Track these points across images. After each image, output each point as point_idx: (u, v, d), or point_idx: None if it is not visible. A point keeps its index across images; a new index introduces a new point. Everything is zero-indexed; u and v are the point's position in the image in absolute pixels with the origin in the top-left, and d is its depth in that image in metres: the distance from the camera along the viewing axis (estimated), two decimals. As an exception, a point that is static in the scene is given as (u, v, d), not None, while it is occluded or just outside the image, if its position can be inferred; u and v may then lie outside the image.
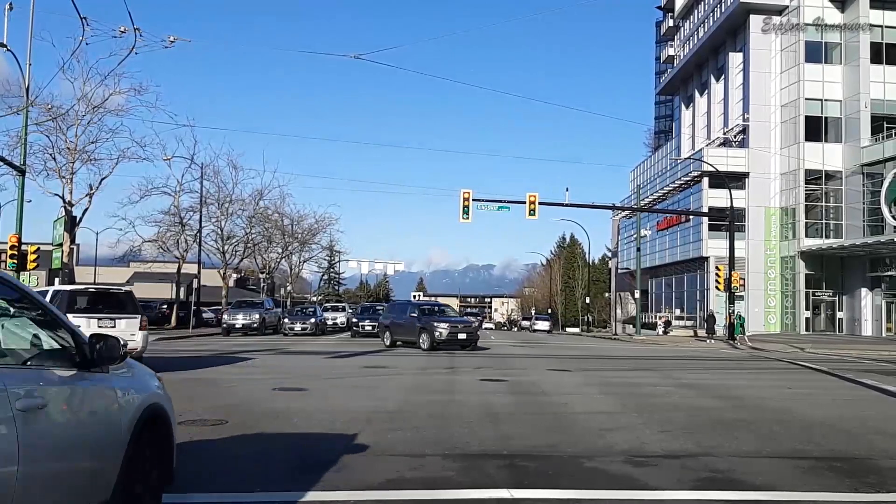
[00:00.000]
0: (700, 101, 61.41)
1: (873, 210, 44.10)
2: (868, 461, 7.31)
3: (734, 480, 6.39)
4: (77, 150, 32.50)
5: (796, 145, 48.09)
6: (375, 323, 32.61)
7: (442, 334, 24.36)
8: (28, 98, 25.27)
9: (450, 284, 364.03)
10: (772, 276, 50.62)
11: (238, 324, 35.37)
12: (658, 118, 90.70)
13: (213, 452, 7.18)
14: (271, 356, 21.43)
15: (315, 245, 63.97)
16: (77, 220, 33.11)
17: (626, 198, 69.19)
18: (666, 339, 43.01)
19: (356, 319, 35.85)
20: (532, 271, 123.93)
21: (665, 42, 75.30)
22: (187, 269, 46.39)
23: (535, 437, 8.37)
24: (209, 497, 5.66)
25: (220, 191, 46.79)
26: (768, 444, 8.17)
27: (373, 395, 11.95)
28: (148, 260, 48.99)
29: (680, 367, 19.89)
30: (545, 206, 38.82)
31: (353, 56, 24.71)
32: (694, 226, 52.83)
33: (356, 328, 35.06)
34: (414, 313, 26.54)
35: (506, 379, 15.05)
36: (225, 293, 48.48)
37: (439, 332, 24.43)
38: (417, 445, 7.74)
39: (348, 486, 5.93)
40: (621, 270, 71.44)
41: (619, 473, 6.58)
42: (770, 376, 17.68)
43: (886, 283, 46.03)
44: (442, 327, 24.63)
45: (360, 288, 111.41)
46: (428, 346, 24.24)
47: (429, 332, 24.58)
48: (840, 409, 11.36)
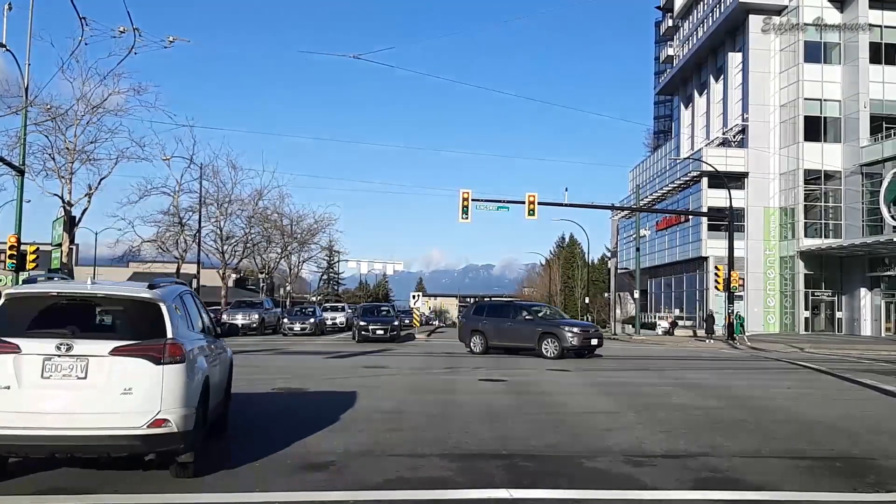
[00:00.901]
0: (699, 101, 61.40)
1: (872, 210, 44.09)
2: (867, 461, 7.31)
3: (734, 480, 6.40)
4: (76, 150, 32.44)
5: (795, 145, 48.09)
6: (388, 326, 30.85)
7: (573, 340, 21.49)
8: (27, 98, 25.25)
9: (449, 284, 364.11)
10: (771, 276, 50.62)
11: (237, 324, 35.35)
12: (657, 118, 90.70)
13: (213, 453, 7.18)
14: (270, 356, 21.43)
15: (314, 245, 63.91)
16: (76, 220, 33.04)
17: (626, 198, 69.18)
18: (665, 338, 43.01)
19: (363, 322, 31.44)
20: (531, 271, 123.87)
21: (664, 42, 75.29)
22: (186, 270, 46.36)
23: (535, 437, 8.37)
24: (209, 497, 5.66)
25: (219, 191, 46.79)
26: (768, 443, 8.18)
27: (373, 396, 11.94)
28: (147, 260, 48.97)
29: (679, 366, 19.89)
30: (544, 206, 38.83)
31: (353, 56, 24.71)
32: (693, 226, 52.82)
33: (364, 332, 30.64)
34: (529, 316, 23.36)
35: (505, 379, 15.05)
36: (224, 293, 48.45)
37: (570, 337, 21.56)
38: (417, 445, 7.75)
39: (348, 485, 5.94)
40: (621, 270, 71.41)
41: (619, 473, 6.58)
42: (769, 376, 17.68)
43: (885, 282, 46.04)
44: (574, 331, 21.98)
45: (359, 288, 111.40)
46: (556, 355, 21.10)
47: (557, 337, 21.47)
48: (839, 409, 11.37)
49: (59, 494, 5.64)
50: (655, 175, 65.86)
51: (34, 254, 26.14)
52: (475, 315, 24.91)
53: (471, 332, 23.89)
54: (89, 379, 5.50)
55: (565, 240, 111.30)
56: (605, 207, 53.74)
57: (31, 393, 5.44)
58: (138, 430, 5.49)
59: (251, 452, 7.15)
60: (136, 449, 5.65)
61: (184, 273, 45.51)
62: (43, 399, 5.45)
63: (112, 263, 54.49)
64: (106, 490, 5.75)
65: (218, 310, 46.93)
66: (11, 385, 5.42)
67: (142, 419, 5.49)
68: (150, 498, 5.63)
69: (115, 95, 32.80)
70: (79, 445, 5.51)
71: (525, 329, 22.52)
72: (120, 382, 5.51)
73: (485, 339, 23.22)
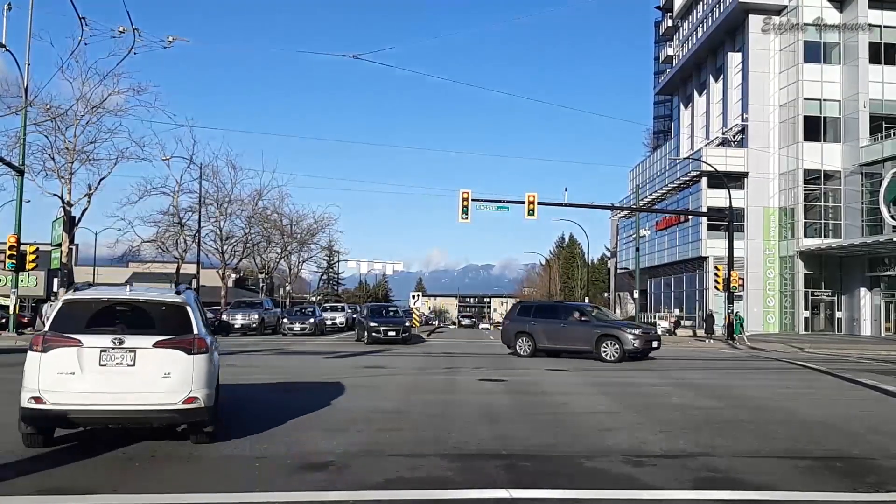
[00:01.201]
0: (699, 100, 61.42)
1: (872, 210, 44.10)
2: (867, 461, 7.32)
3: (733, 480, 6.40)
4: (76, 150, 32.44)
5: (795, 145, 48.11)
6: (400, 328, 29.30)
7: (636, 343, 20.69)
8: (27, 98, 25.27)
9: (449, 284, 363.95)
10: (771, 276, 50.64)
11: (237, 324, 35.33)
12: (657, 118, 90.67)
13: (212, 453, 7.18)
14: (270, 356, 21.42)
15: (314, 245, 63.90)
16: (76, 220, 33.06)
17: (625, 198, 69.20)
18: (665, 338, 42.94)
19: (374, 323, 29.41)
20: (531, 271, 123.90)
21: (664, 42, 75.31)
22: (186, 270, 46.39)
23: (535, 437, 8.38)
24: (209, 497, 5.66)
25: (218, 191, 46.80)
26: (767, 443, 8.18)
27: (372, 395, 11.95)
28: (147, 260, 48.98)
29: (679, 366, 19.89)
30: (544, 206, 38.79)
31: (352, 56, 24.68)
32: (693, 226, 52.84)
33: (376, 333, 28.75)
34: (584, 317, 22.19)
35: (505, 379, 15.05)
36: (224, 293, 48.45)
37: (632, 339, 20.73)
38: (417, 445, 7.75)
39: (348, 485, 5.94)
40: (620, 270, 71.44)
41: (619, 473, 6.59)
42: (769, 376, 17.69)
43: (885, 282, 46.05)
44: (636, 333, 21.23)
45: (358, 288, 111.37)
46: (617, 358, 20.26)
47: (619, 340, 20.58)
48: (839, 409, 11.38)
49: (59, 494, 5.64)
50: (655, 175, 65.87)
51: (34, 254, 26.19)
52: (521, 316, 23.22)
53: (516, 334, 22.56)
54: (137, 366, 6.95)
55: (565, 240, 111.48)
56: (605, 207, 53.75)
57: (91, 377, 6.84)
58: (175, 406, 6.98)
59: (250, 452, 7.16)
60: (173, 420, 7.20)
61: (183, 273, 45.56)
62: (100, 382, 6.85)
63: (112, 263, 54.45)
64: (106, 490, 5.75)
65: (218, 310, 47.02)
66: (76, 371, 6.84)
67: (178, 397, 6.98)
68: (150, 498, 5.63)
69: (115, 95, 32.87)
70: (129, 418, 7.06)
71: (581, 331, 21.43)
72: (160, 368, 6.99)
73: (532, 342, 21.99)
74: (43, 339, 6.99)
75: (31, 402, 6.82)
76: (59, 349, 6.89)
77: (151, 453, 7.05)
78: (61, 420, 7.02)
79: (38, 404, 6.81)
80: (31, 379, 6.91)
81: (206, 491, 5.79)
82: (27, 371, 6.97)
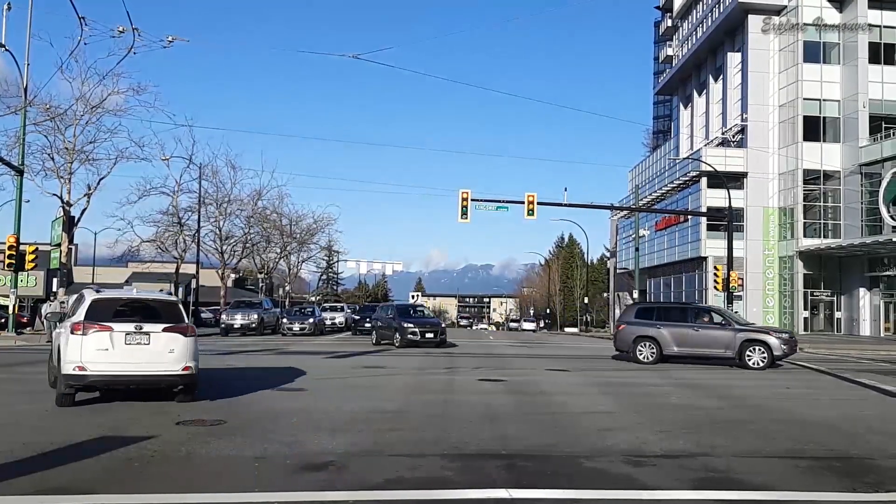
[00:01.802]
0: (698, 101, 61.45)
1: (871, 210, 44.14)
2: (867, 461, 7.32)
3: (733, 480, 6.40)
4: (75, 150, 32.42)
5: (794, 145, 48.13)
6: (437, 329, 26.76)
7: (785, 348, 19.35)
8: (26, 98, 25.27)
9: (448, 284, 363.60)
10: (770, 276, 50.67)
11: (236, 324, 35.30)
12: (656, 118, 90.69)
13: (212, 453, 7.18)
14: (270, 356, 21.41)
15: (313, 245, 63.89)
16: (75, 220, 33.03)
17: (625, 198, 69.23)
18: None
19: (409, 324, 26.42)
20: (531, 271, 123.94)
21: (663, 42, 75.34)
22: (186, 270, 46.32)
23: (534, 437, 8.38)
24: (208, 497, 5.66)
25: (218, 191, 46.80)
26: (767, 443, 8.18)
27: (372, 396, 11.95)
28: (146, 260, 48.93)
29: (679, 366, 19.87)
30: (544, 206, 38.80)
31: (352, 56, 24.67)
32: (692, 226, 52.87)
33: (411, 335, 25.84)
34: (722, 319, 20.59)
35: (504, 379, 15.04)
36: (223, 293, 48.42)
37: (781, 345, 19.30)
38: (416, 445, 7.75)
39: (348, 485, 5.94)
40: (620, 270, 71.44)
41: (619, 473, 6.59)
42: (769, 376, 17.68)
43: (884, 282, 46.08)
44: (784, 337, 19.83)
45: (358, 288, 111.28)
46: (764, 365, 18.83)
47: (766, 345, 19.15)
48: (839, 409, 11.38)
49: (59, 494, 5.64)
50: (655, 175, 65.89)
51: (33, 254, 26.17)
52: (641, 318, 21.09)
53: (636, 338, 20.51)
54: (151, 345, 9.98)
55: (564, 240, 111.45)
56: (605, 207, 53.73)
57: (119, 352, 9.80)
58: (177, 372, 10.11)
59: (250, 452, 7.16)
60: (175, 382, 10.25)
61: (183, 273, 45.51)
62: (126, 355, 9.84)
63: (111, 263, 54.42)
64: (106, 490, 5.75)
65: (217, 310, 47.00)
66: (108, 348, 9.75)
67: (178, 366, 10.07)
68: (150, 498, 5.63)
69: (115, 95, 32.87)
70: (145, 380, 10.14)
71: (720, 336, 19.79)
72: (167, 346, 10.04)
73: (657, 347, 20.22)
74: (83, 326, 9.74)
75: (76, 370, 9.63)
76: (97, 333, 9.74)
77: (151, 453, 7.04)
78: (98, 381, 9.89)
79: (81, 371, 9.65)
80: (73, 354, 9.64)
81: (206, 491, 5.79)
82: (70, 348, 9.68)
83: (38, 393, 11.27)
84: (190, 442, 7.61)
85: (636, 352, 20.49)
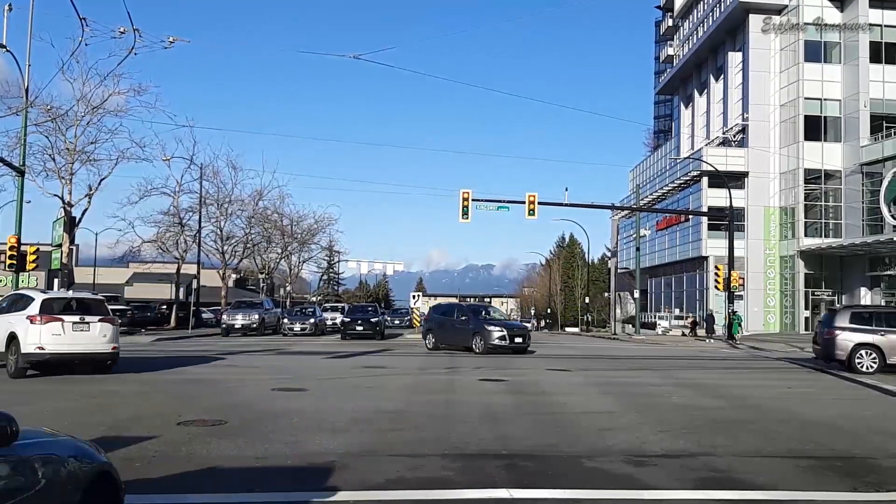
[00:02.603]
0: (699, 100, 61.40)
1: (872, 209, 44.07)
2: (868, 461, 7.31)
3: (734, 480, 6.39)
4: (76, 150, 32.42)
5: (795, 145, 48.08)
6: (525, 334, 24.53)
7: None
8: (27, 99, 25.25)
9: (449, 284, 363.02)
10: (771, 276, 50.61)
11: (237, 324, 35.32)
12: (657, 118, 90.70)
13: (212, 453, 7.18)
14: (271, 356, 21.42)
15: (314, 245, 63.87)
16: (76, 220, 33.02)
17: (626, 197, 69.17)
18: (665, 338, 43.02)
19: (494, 328, 23.66)
20: (531, 271, 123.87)
21: (664, 42, 75.30)
22: (187, 270, 46.32)
23: (535, 437, 8.37)
24: (209, 497, 5.66)
25: (219, 191, 46.72)
26: (768, 443, 8.18)
27: (373, 396, 11.95)
28: (147, 260, 48.91)
29: (679, 366, 19.88)
30: (544, 205, 38.81)
31: (352, 56, 24.62)
32: (693, 225, 52.82)
33: (498, 341, 23.19)
34: None
35: (505, 379, 15.04)
36: (224, 293, 48.39)
37: None
38: (417, 445, 7.75)
39: (348, 486, 5.93)
40: (621, 270, 71.40)
41: (619, 473, 6.58)
42: (770, 376, 17.68)
43: (886, 282, 46.01)
44: None
45: (359, 288, 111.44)
46: None
47: None
48: (840, 409, 11.38)
49: (60, 495, 5.63)
50: (655, 175, 65.86)
51: (34, 254, 26.13)
52: (857, 324, 18.44)
53: (856, 346, 18.07)
54: (90, 331, 14.11)
55: (565, 240, 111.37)
56: (605, 207, 53.75)
57: (69, 336, 13.79)
58: (108, 350, 14.41)
59: (251, 453, 7.16)
60: (107, 357, 14.43)
61: (184, 273, 45.53)
62: (73, 339, 13.87)
63: (112, 264, 54.47)
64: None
65: (218, 310, 47.01)
66: (60, 333, 13.66)
67: (109, 346, 14.39)
68: (150, 498, 5.62)
69: (116, 96, 32.78)
70: (87, 357, 14.17)
71: None
72: (102, 332, 14.26)
73: (881, 357, 17.79)
74: (40, 317, 13.58)
75: (37, 349, 13.42)
76: (52, 322, 13.63)
77: (152, 453, 7.05)
78: (52, 358, 13.63)
79: (40, 350, 13.45)
80: (33, 338, 13.40)
81: (206, 491, 5.79)
82: (29, 333, 13.39)
83: (37, 393, 11.28)
84: (191, 442, 7.61)
85: (854, 361, 17.96)
